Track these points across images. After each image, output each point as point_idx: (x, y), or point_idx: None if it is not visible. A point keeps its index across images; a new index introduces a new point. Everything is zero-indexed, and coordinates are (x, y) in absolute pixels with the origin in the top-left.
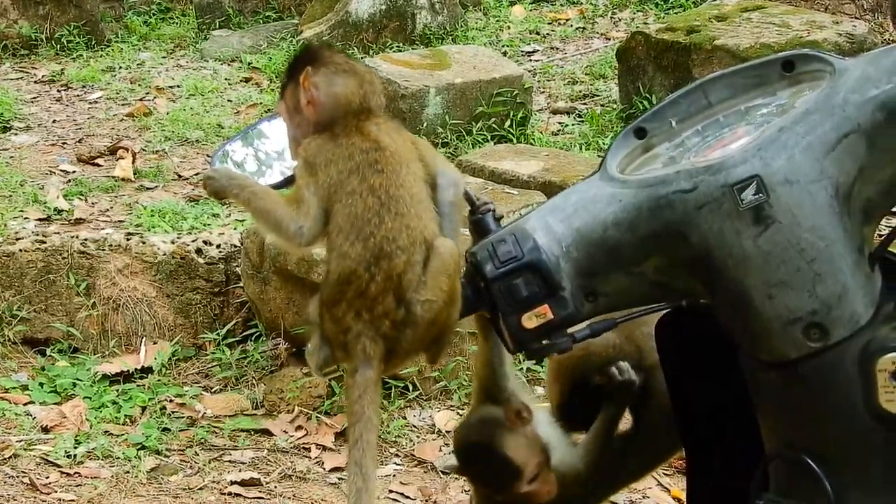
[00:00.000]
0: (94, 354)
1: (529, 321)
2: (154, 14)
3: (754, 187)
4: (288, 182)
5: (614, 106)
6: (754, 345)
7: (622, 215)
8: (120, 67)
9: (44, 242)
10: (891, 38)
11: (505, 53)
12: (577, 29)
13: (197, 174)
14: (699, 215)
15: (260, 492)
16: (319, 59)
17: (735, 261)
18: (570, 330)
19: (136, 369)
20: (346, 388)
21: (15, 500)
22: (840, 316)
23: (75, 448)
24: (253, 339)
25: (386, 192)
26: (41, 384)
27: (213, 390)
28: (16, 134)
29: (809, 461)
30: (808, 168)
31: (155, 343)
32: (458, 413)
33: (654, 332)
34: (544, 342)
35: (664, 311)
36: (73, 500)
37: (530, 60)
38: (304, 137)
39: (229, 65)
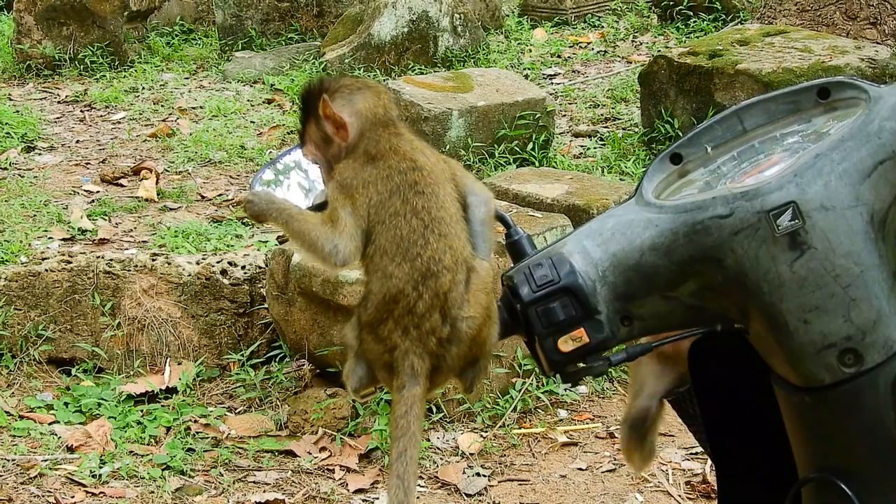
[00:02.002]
0: (119, 374)
1: (565, 344)
2: (177, 35)
3: (790, 213)
4: (319, 208)
5: (636, 129)
6: (788, 369)
7: (658, 240)
8: (143, 88)
9: (69, 262)
10: None
11: (526, 76)
12: (598, 52)
13: (220, 195)
14: (735, 241)
15: None
16: (330, 87)
17: (770, 286)
18: (605, 353)
19: (160, 389)
20: (393, 404)
21: None
22: (874, 341)
23: (100, 468)
24: (277, 360)
25: (428, 213)
26: (66, 404)
27: (237, 411)
28: (40, 154)
29: (842, 485)
30: (844, 194)
31: (179, 363)
32: (481, 435)
33: (688, 354)
34: (580, 365)
35: (697, 335)
36: None
37: (552, 83)
38: (336, 158)
39: (252, 86)
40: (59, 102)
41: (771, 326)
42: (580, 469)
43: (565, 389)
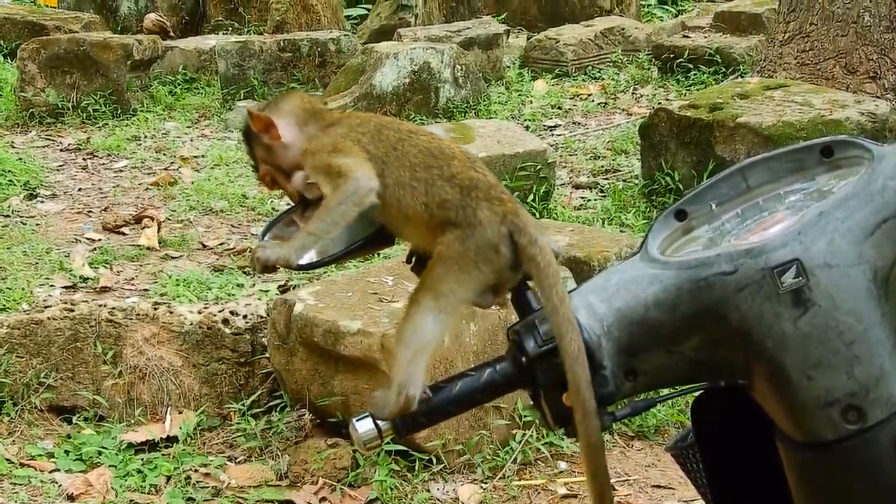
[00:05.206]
0: (120, 423)
1: (570, 399)
2: (179, 84)
3: (794, 270)
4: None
5: (636, 181)
6: (791, 425)
7: (663, 296)
8: (145, 136)
9: (71, 310)
10: None
11: (527, 128)
12: (598, 104)
13: (221, 244)
14: (739, 297)
15: None
16: (254, 107)
17: (774, 342)
18: (609, 408)
19: (161, 438)
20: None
21: None
22: (878, 398)
23: None
24: (278, 409)
25: (422, 134)
26: (67, 452)
27: (237, 460)
28: (42, 201)
29: None
30: (848, 252)
31: (180, 412)
32: (481, 487)
33: (691, 410)
34: None
35: (700, 390)
36: None
37: (552, 135)
38: (295, 162)
39: None
40: (61, 150)
41: (775, 382)
42: None
43: (567, 442)
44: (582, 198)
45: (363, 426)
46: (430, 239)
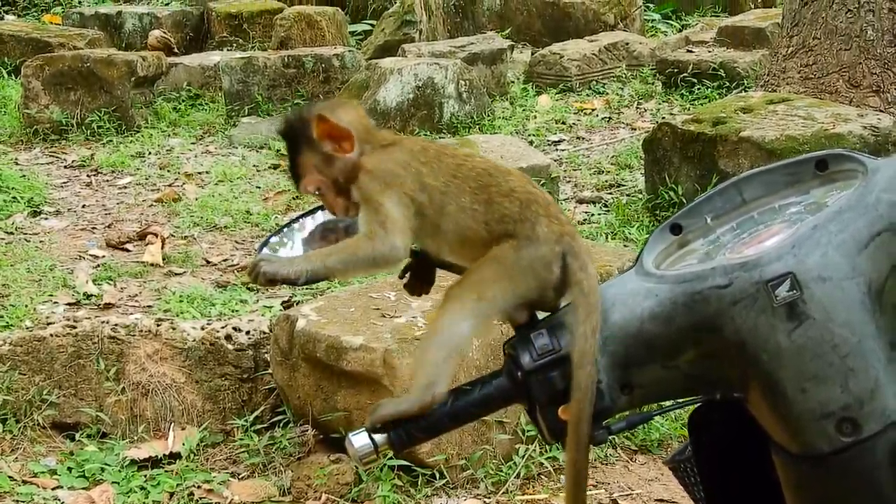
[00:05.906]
0: (123, 439)
1: (566, 413)
2: (183, 100)
3: (788, 284)
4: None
5: (640, 196)
6: (786, 437)
7: (658, 310)
8: (149, 153)
9: (74, 327)
10: None
11: (531, 143)
12: (602, 119)
13: (225, 260)
14: (734, 310)
15: None
16: (316, 109)
17: (769, 355)
18: (606, 422)
19: (164, 455)
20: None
21: None
22: (872, 411)
23: None
24: (281, 425)
25: (477, 157)
26: (69, 469)
27: (240, 476)
28: (46, 218)
29: None
30: (842, 265)
31: (183, 428)
32: (483, 502)
33: (687, 423)
34: None
35: (697, 404)
36: None
37: (556, 150)
38: (351, 177)
39: (258, 151)
40: (65, 167)
41: (770, 395)
42: None
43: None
44: (586, 212)
45: (359, 441)
46: (482, 253)
